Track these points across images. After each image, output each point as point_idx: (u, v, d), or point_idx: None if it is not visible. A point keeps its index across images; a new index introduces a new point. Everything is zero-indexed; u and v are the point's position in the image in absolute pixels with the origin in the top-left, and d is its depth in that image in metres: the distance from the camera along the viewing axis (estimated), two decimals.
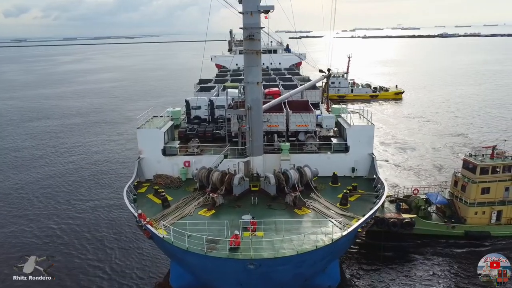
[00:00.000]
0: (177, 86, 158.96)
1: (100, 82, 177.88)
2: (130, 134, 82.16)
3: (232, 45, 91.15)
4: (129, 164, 63.63)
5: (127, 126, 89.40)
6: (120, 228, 42.77)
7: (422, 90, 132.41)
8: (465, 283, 32.54)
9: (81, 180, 57.56)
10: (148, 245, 38.45)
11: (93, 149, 74.31)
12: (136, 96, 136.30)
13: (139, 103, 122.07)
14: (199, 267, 24.83)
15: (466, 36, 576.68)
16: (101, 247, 39.23)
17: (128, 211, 45.28)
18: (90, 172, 60.93)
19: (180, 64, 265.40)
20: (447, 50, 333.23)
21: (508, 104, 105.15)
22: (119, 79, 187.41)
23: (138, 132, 38.15)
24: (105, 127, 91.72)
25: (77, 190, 53.65)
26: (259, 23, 34.15)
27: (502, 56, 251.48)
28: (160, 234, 25.56)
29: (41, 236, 41.46)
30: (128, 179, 54.72)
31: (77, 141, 79.68)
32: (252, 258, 22.83)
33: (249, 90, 35.08)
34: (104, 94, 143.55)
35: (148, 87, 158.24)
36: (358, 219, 28.36)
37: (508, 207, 41.83)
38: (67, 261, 36.72)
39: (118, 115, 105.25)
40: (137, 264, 36.09)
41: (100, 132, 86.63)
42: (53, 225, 43.88)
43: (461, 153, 65.25)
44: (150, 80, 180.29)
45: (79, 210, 47.36)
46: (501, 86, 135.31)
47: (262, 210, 30.75)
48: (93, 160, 67.07)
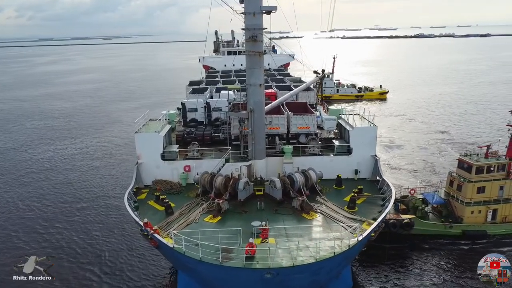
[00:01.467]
0: (162, 87, 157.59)
1: (81, 84, 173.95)
2: (119, 136, 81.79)
3: (220, 46, 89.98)
4: (121, 165, 63.32)
5: (114, 128, 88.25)
6: (120, 229, 42.04)
7: (404, 89, 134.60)
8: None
9: (79, 181, 56.92)
10: (148, 248, 37.38)
11: (83, 151, 73.25)
12: (120, 97, 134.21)
13: (123, 104, 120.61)
14: (212, 277, 23.87)
15: (442, 37, 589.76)
16: (101, 248, 38.51)
17: (126, 214, 44.75)
18: (87, 173, 60.32)
19: (162, 65, 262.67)
20: (425, 50, 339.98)
21: (484, 101, 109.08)
22: (100, 80, 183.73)
23: (136, 137, 36.84)
24: (90, 129, 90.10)
25: (76, 192, 53.02)
26: (261, 24, 33.45)
27: (477, 56, 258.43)
28: (170, 244, 24.49)
29: (41, 236, 40.66)
30: (122, 180, 53.97)
31: (64, 143, 78.14)
32: (270, 267, 22.07)
33: (252, 92, 34.32)
34: (86, 96, 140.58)
35: (131, 88, 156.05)
36: (369, 223, 27.98)
37: (503, 205, 42.28)
38: (67, 261, 36.03)
39: (103, 116, 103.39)
40: (137, 269, 35.19)
41: (86, 134, 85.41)
42: (53, 225, 43.02)
43: (447, 151, 67.34)
44: (133, 81, 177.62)
45: (79, 211, 46.79)
46: (477, 85, 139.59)
47: (269, 216, 29.97)
48: (86, 161, 66.36)
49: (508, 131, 44.37)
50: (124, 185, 53.64)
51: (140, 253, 37.58)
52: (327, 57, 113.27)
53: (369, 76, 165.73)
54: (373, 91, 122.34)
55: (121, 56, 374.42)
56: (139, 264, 35.84)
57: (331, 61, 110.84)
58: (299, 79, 66.37)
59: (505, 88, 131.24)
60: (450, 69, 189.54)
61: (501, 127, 76.86)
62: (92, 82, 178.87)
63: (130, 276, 34.19)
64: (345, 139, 40.00)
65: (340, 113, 45.17)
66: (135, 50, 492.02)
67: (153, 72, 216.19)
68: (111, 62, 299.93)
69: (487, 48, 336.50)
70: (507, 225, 42.12)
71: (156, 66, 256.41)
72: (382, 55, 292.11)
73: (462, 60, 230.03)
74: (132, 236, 40.36)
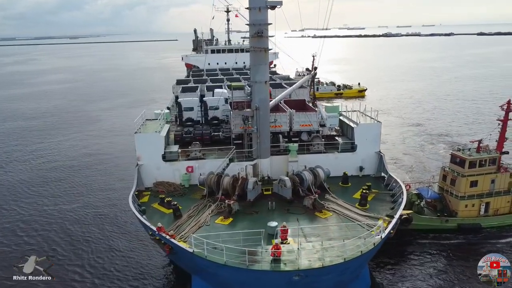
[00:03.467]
0: (138, 86, 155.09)
1: (53, 84, 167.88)
2: (103, 136, 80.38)
3: (203, 44, 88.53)
4: (110, 164, 62.32)
5: (95, 127, 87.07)
6: (120, 229, 40.95)
7: (379, 86, 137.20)
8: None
9: (78, 181, 55.62)
10: (150, 248, 36.82)
11: (72, 149, 72.02)
12: (96, 97, 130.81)
13: (101, 103, 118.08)
14: (236, 282, 22.89)
15: (408, 36, 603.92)
16: (102, 248, 37.45)
17: (123, 214, 43.46)
18: (81, 172, 59.31)
19: (135, 64, 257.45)
20: (393, 49, 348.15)
21: (452, 96, 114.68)
22: (73, 80, 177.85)
23: (136, 137, 35.28)
24: (71, 129, 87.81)
25: (76, 192, 51.72)
26: (267, 19, 32.64)
27: (442, 54, 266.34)
28: (189, 249, 23.35)
29: (41, 236, 39.72)
30: (116, 179, 52.34)
31: (47, 142, 76.16)
32: (300, 268, 21.35)
33: (257, 89, 33.48)
34: (60, 96, 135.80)
35: (107, 88, 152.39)
36: (384, 220, 27.76)
37: (494, 198, 43.12)
38: (67, 261, 35.20)
39: (81, 116, 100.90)
40: (138, 270, 34.07)
41: (70, 132, 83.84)
42: (53, 225, 41.97)
43: (426, 143, 69.13)
44: (107, 81, 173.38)
45: (79, 211, 45.55)
46: (444, 81, 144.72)
47: (282, 216, 29.30)
48: (79, 159, 65.36)
49: (498, 126, 45.26)
50: (118, 184, 53.27)
51: (141, 253, 36.45)
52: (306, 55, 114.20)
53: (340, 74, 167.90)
54: (351, 88, 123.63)
55: (89, 56, 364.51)
56: (140, 265, 34.76)
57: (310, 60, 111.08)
58: (287, 77, 65.92)
59: (471, 84, 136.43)
60: (420, 67, 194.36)
61: (468, 120, 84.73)
62: (64, 82, 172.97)
63: (131, 277, 33.18)
64: (348, 136, 39.76)
65: (337, 110, 44.92)
66: (104, 49, 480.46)
67: (127, 72, 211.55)
68: (80, 62, 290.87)
69: (451, 46, 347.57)
70: (499, 218, 43.03)
71: (129, 65, 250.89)
72: (353, 54, 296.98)
73: (429, 58, 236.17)
74: (133, 236, 39.39)
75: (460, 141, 69.35)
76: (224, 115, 44.04)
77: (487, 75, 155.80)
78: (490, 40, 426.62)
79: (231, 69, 77.36)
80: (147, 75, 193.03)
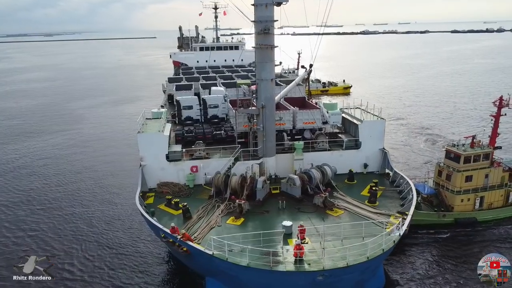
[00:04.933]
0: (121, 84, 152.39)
1: (31, 82, 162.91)
2: (90, 134, 78.92)
3: (192, 42, 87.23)
4: (104, 163, 61.09)
5: (81, 126, 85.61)
6: (121, 229, 40.19)
7: (360, 83, 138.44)
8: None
9: (77, 180, 54.47)
10: (154, 247, 36.30)
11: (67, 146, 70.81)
12: (78, 95, 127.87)
13: (84, 101, 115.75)
14: (258, 283, 22.45)
15: (385, 33, 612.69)
16: (103, 248, 36.70)
17: (125, 212, 42.57)
18: (79, 172, 57.91)
19: (114, 62, 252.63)
20: (372, 46, 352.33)
21: (430, 91, 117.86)
22: (52, 79, 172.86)
23: (139, 137, 34.33)
24: (56, 127, 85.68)
25: (76, 191, 50.66)
26: (273, 16, 32.21)
27: (419, 51, 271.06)
28: (208, 250, 22.79)
29: (41, 236, 38.98)
30: (112, 178, 51.47)
31: (33, 142, 73.78)
32: (325, 268, 21.09)
33: (263, 87, 33.06)
34: (41, 94, 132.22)
35: (88, 86, 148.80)
36: (396, 217, 27.86)
37: (488, 192, 43.93)
38: (67, 261, 34.51)
39: (65, 114, 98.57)
40: (139, 270, 33.38)
41: (58, 130, 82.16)
42: (53, 225, 41.14)
43: (410, 138, 70.27)
44: (88, 79, 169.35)
45: (79, 210, 44.75)
46: (422, 78, 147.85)
47: (292, 215, 29.05)
48: (77, 159, 63.73)
49: (491, 121, 46.08)
50: (115, 183, 52.42)
51: (144, 254, 35.70)
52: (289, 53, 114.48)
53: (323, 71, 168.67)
54: (337, 85, 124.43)
55: (66, 54, 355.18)
56: (144, 266, 33.98)
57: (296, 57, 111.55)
58: (280, 74, 65.67)
59: (447, 80, 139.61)
60: (399, 64, 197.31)
61: (447, 115, 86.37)
62: (43, 80, 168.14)
63: (133, 278, 32.49)
64: (351, 133, 39.75)
65: (336, 107, 44.81)
66: (81, 47, 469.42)
67: (108, 70, 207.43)
68: (58, 60, 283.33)
69: (427, 44, 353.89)
70: (493, 211, 43.86)
71: (109, 63, 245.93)
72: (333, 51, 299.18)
73: (407, 55, 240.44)
74: (134, 237, 38.67)
75: (441, 134, 71.84)
76: (224, 113, 43.43)
77: (462, 72, 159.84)
78: (464, 37, 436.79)
79: (221, 67, 76.62)
80: (129, 73, 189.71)
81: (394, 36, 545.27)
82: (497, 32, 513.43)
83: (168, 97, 57.22)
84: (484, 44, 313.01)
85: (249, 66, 78.31)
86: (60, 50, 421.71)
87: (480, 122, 78.71)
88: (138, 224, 40.02)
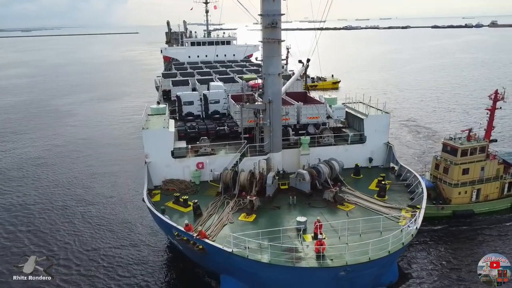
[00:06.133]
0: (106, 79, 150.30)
1: (12, 78, 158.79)
2: (78, 131, 77.55)
3: (183, 36, 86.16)
4: (103, 160, 60.29)
5: (69, 122, 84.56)
6: (121, 228, 39.50)
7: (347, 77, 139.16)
8: None
9: (77, 179, 53.48)
10: (158, 246, 35.80)
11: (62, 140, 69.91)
12: (64, 91, 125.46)
13: (70, 97, 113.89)
14: (280, 280, 22.18)
15: (368, 29, 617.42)
16: (103, 248, 36.18)
17: (124, 212, 41.98)
18: (77, 169, 57.18)
19: (97, 58, 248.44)
20: (355, 41, 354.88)
21: (414, 85, 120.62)
22: (33, 75, 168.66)
23: (144, 134, 33.57)
24: (45, 124, 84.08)
25: (75, 190, 49.64)
26: (280, 9, 31.82)
27: (401, 46, 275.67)
28: (227, 248, 22.40)
29: (41, 236, 38.46)
30: (108, 177, 50.95)
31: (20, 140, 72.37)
32: (348, 264, 20.97)
33: (270, 82, 32.67)
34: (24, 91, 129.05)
35: (72, 82, 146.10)
36: (407, 210, 27.99)
37: (485, 185, 44.69)
38: (67, 261, 34.16)
39: (52, 111, 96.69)
40: (140, 270, 32.94)
41: (44, 127, 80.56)
42: (53, 225, 40.63)
43: (398, 131, 71.24)
44: (71, 75, 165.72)
45: (78, 210, 44.06)
46: (407, 72, 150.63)
47: (304, 210, 28.87)
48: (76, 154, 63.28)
49: (486, 115, 46.75)
50: (112, 182, 51.63)
51: (144, 252, 35.30)
52: None
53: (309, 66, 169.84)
54: (326, 81, 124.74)
55: (46, 50, 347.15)
56: (148, 265, 33.57)
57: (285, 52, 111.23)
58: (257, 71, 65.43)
59: (429, 74, 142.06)
60: (383, 58, 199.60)
61: (430, 109, 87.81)
62: (25, 76, 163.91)
63: (136, 278, 32.04)
64: (356, 127, 39.75)
65: (336, 101, 44.78)
66: (62, 43, 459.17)
67: (92, 66, 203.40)
68: (38, 56, 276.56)
69: (409, 39, 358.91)
70: (489, 203, 44.63)
71: (92, 59, 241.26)
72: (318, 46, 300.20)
73: (390, 50, 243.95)
74: (135, 235, 38.22)
75: (424, 125, 73.86)
76: (225, 108, 42.92)
77: (443, 66, 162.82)
78: (444, 32, 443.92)
79: (213, 62, 75.92)
80: (113, 69, 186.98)
81: (377, 31, 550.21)
82: (475, 27, 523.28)
83: (163, 93, 56.34)
84: (464, 39, 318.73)
85: (241, 61, 77.88)
86: (40, 46, 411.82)
87: (463, 115, 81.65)
88: (138, 223, 39.73)
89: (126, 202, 45.09)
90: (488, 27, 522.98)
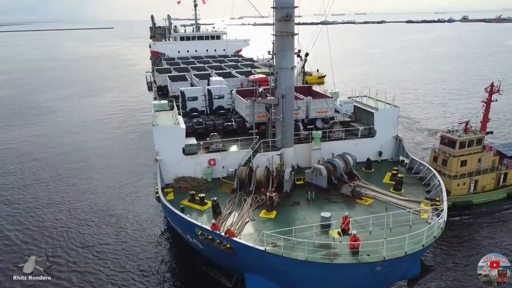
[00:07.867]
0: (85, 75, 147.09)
1: None
2: (65, 127, 76.21)
3: (170, 31, 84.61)
4: (99, 159, 58.87)
5: (53, 118, 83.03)
6: (121, 228, 38.89)
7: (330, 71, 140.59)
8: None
9: (77, 178, 52.19)
10: (154, 245, 35.44)
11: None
12: (42, 88, 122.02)
13: (50, 94, 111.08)
14: (312, 277, 21.80)
15: (344, 24, 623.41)
16: (103, 247, 35.63)
17: (124, 212, 41.18)
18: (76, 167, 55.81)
19: (73, 53, 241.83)
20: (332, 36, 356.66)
21: (393, 78, 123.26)
22: (7, 71, 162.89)
23: (155, 130, 32.56)
24: (25, 120, 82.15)
25: (76, 190, 48.59)
26: (294, 1, 31.29)
27: (378, 41, 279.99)
28: (260, 246, 21.87)
29: (41, 236, 37.98)
30: (105, 175, 50.22)
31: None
32: (385, 259, 20.78)
33: (283, 76, 32.15)
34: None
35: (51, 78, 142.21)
36: (426, 203, 28.10)
37: (482, 176, 45.64)
38: (67, 261, 33.81)
39: (33, 107, 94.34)
40: (140, 269, 32.43)
41: (32, 123, 79.04)
42: (53, 225, 39.97)
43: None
44: (48, 71, 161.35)
45: (78, 210, 43.20)
46: (384, 66, 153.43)
47: (323, 205, 28.60)
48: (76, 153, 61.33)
49: (482, 107, 47.63)
50: (111, 180, 50.56)
51: (150, 253, 34.66)
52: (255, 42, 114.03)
53: None
54: (312, 75, 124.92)
55: (18, 45, 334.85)
56: (146, 264, 32.99)
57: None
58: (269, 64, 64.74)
59: (406, 68, 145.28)
60: (362, 53, 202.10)
61: (411, 101, 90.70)
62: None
63: (140, 277, 31.56)
64: (364, 121, 39.71)
65: (338, 96, 44.67)
66: (33, 38, 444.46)
67: (68, 61, 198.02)
68: (10, 52, 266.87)
69: (385, 33, 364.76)
70: (486, 194, 45.62)
71: (68, 55, 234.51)
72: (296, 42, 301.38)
73: (368, 45, 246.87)
74: (138, 234, 37.69)
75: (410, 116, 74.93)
76: (229, 104, 42.20)
77: (419, 59, 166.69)
78: (418, 27, 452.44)
79: (204, 57, 74.84)
80: (91, 64, 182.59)
81: (353, 26, 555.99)
82: (447, 22, 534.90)
83: (157, 89, 55.02)
84: (437, 34, 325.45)
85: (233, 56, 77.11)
86: (9, 41, 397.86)
87: (443, 107, 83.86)
88: (139, 222, 39.27)
89: (126, 200, 44.08)
90: (460, 21, 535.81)
